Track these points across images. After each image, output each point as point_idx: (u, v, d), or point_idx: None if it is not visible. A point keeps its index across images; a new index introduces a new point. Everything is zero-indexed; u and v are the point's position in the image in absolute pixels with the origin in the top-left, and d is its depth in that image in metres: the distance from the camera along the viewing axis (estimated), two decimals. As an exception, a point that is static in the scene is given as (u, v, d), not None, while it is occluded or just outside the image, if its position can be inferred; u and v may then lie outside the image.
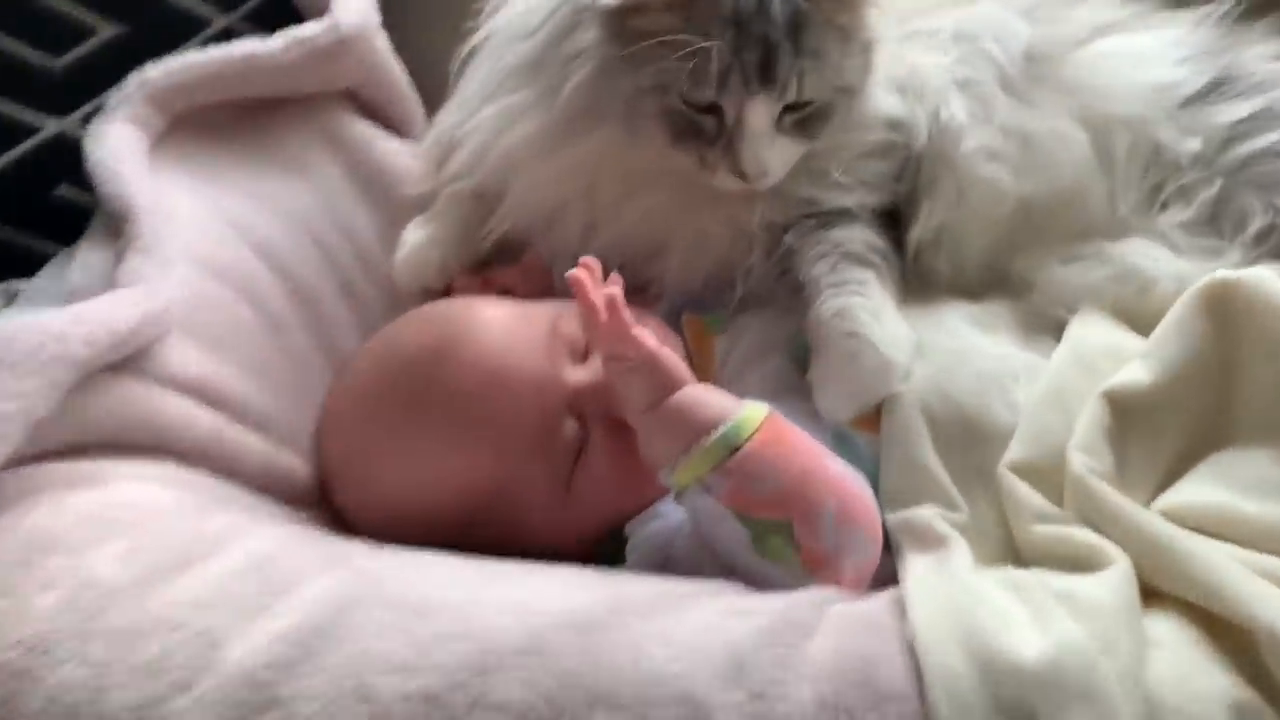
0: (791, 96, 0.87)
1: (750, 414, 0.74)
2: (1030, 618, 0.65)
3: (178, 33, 1.09)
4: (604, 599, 0.66)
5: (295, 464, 0.88)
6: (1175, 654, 0.64)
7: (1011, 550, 0.77)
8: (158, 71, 0.98)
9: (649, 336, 0.77)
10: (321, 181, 1.05)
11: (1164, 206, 0.95)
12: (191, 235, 0.91)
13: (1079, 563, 0.70)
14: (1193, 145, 0.94)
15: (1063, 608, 0.65)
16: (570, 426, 0.83)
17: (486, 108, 0.97)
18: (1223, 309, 0.79)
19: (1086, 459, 0.75)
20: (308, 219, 1.02)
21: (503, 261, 1.03)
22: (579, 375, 0.84)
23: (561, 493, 0.83)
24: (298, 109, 1.07)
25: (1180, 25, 1.00)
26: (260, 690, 0.60)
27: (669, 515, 0.82)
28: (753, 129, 0.87)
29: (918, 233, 0.95)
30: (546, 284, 0.98)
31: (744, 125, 0.87)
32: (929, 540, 0.75)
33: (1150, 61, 0.97)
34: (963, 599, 0.67)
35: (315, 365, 0.97)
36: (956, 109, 0.95)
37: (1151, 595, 0.68)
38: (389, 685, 0.60)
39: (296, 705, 0.60)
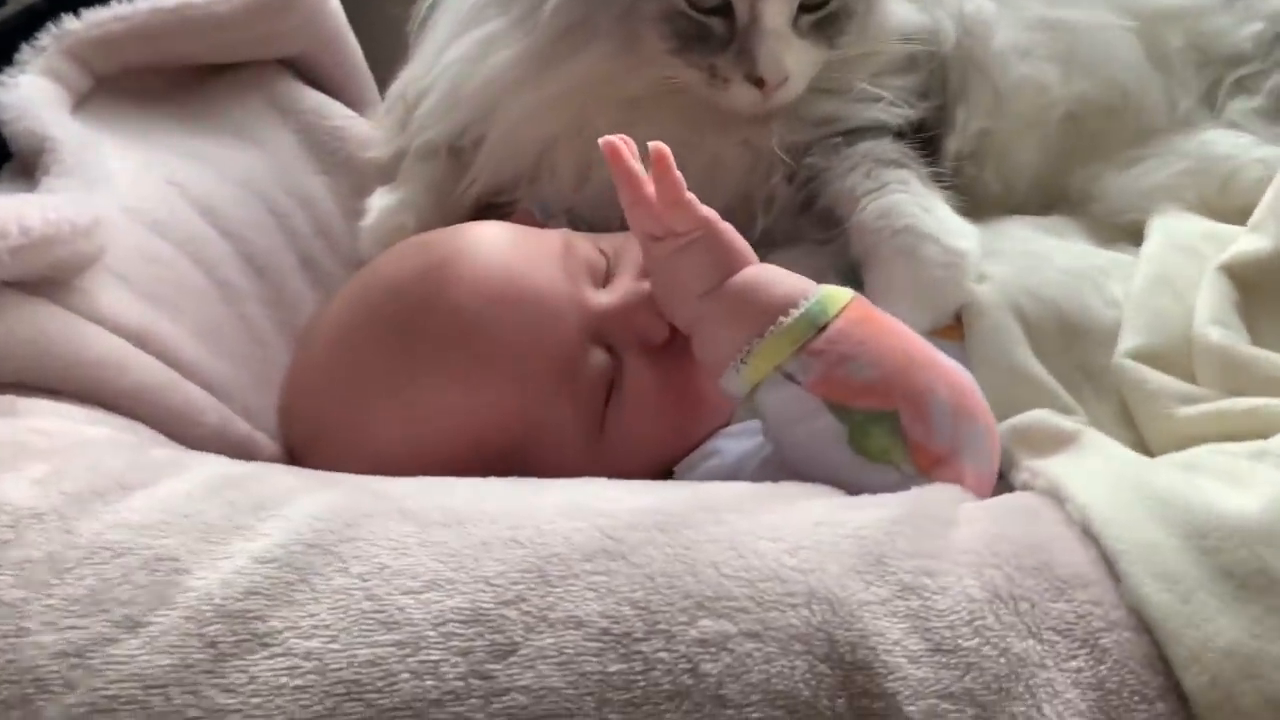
0: None
1: (834, 291, 0.61)
2: (1226, 482, 0.51)
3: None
4: (684, 498, 0.51)
5: (259, 439, 0.72)
6: None
7: (1144, 451, 0.64)
8: (78, 23, 0.85)
9: (700, 204, 0.64)
10: (273, 149, 0.92)
11: (1227, 100, 0.86)
12: (124, 186, 0.76)
13: (1253, 432, 0.58)
14: (1253, 29, 0.87)
15: (1265, 464, 0.52)
16: (598, 356, 0.67)
17: (454, 48, 0.85)
18: None
19: (1225, 330, 0.64)
20: (259, 186, 0.88)
21: (488, 222, 0.89)
22: (602, 298, 0.69)
23: (593, 436, 0.66)
24: (240, 77, 0.94)
25: None
26: (239, 623, 0.43)
27: (725, 451, 0.67)
28: (769, 26, 0.76)
29: (955, 143, 0.85)
30: None
31: (759, 23, 0.77)
32: (1051, 442, 0.62)
33: None
34: (1132, 472, 0.54)
35: (277, 344, 0.82)
36: (982, 3, 0.86)
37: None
38: (419, 606, 0.44)
39: (290, 640, 0.43)
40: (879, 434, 0.57)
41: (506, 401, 0.65)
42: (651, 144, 0.63)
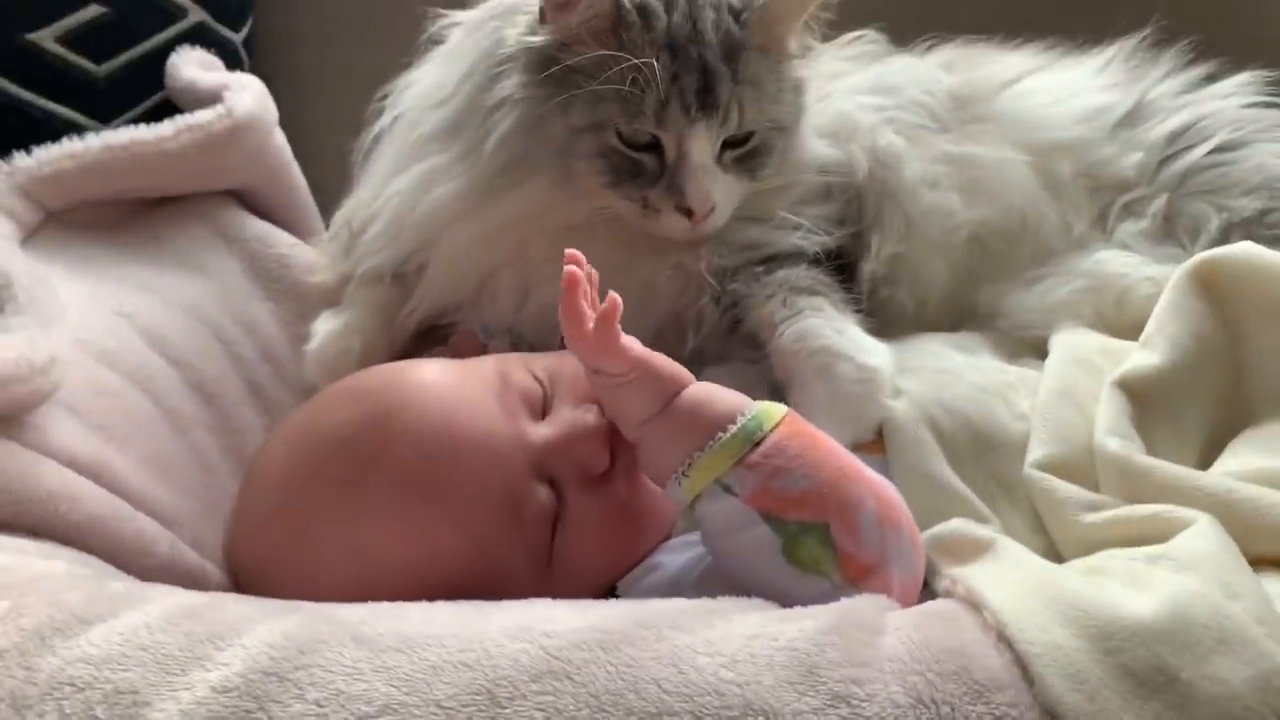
0: (734, 125, 0.83)
1: (769, 407, 0.64)
2: (1126, 585, 0.55)
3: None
4: (625, 616, 0.54)
5: (208, 568, 0.74)
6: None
7: (1054, 556, 0.68)
8: (30, 160, 0.88)
9: (637, 345, 0.67)
10: (219, 278, 0.94)
11: (1117, 224, 0.93)
12: (73, 318, 0.79)
13: (1151, 538, 0.61)
14: (1135, 159, 0.94)
15: (1160, 568, 0.56)
16: (542, 493, 0.68)
17: (398, 180, 0.89)
18: (1214, 284, 0.76)
19: (1122, 441, 0.69)
20: (206, 314, 0.91)
21: (429, 346, 0.93)
22: (542, 432, 0.69)
23: (541, 568, 0.67)
24: (187, 208, 0.97)
25: (1095, 61, 1.02)
26: (200, 754, 0.45)
27: (666, 565, 0.70)
28: (695, 161, 0.82)
29: (870, 266, 0.90)
30: None
31: (687, 158, 0.82)
32: (969, 550, 0.65)
33: (1078, 91, 0.98)
34: (1042, 578, 0.57)
35: (224, 471, 0.83)
36: (893, 139, 0.93)
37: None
38: (374, 730, 0.46)
39: (252, 769, 0.45)
40: (811, 545, 0.60)
41: (456, 546, 0.66)
42: (610, 294, 0.67)
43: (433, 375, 0.72)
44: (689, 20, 0.82)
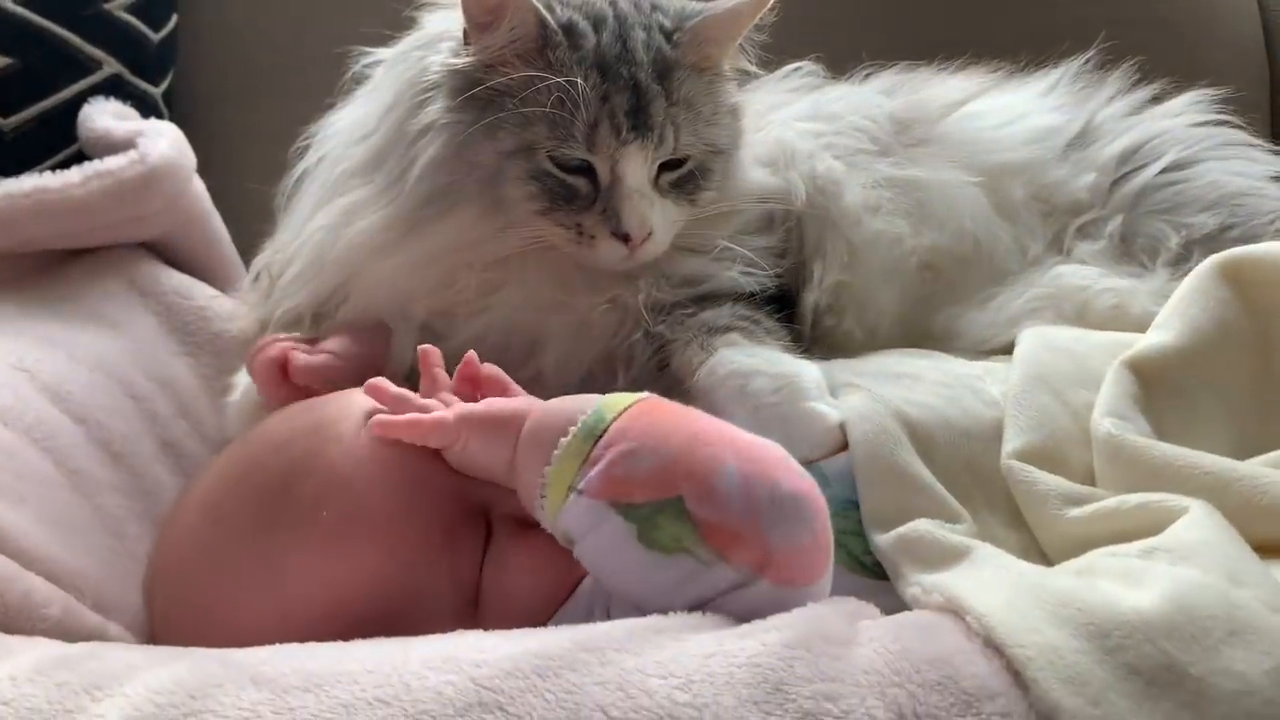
0: (669, 148, 0.79)
1: (614, 398, 0.59)
2: (1121, 582, 0.50)
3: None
4: (563, 640, 0.48)
5: (112, 630, 0.66)
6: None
7: (1037, 554, 0.63)
8: (-78, 210, 0.82)
9: (458, 404, 0.64)
10: (131, 333, 0.89)
11: (1074, 244, 0.90)
12: (-36, 375, 0.72)
13: (1142, 531, 0.56)
14: (1087, 180, 0.92)
15: (1156, 562, 0.51)
16: (472, 522, 0.64)
17: (318, 216, 0.85)
18: (1244, 279, 0.71)
19: (1121, 423, 0.64)
20: (116, 370, 0.85)
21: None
22: None
23: (469, 607, 0.62)
24: (98, 260, 0.92)
25: (1041, 84, 1.00)
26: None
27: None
28: (630, 184, 0.78)
29: (813, 296, 0.86)
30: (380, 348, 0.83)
31: (621, 181, 0.78)
32: (940, 557, 0.60)
33: (1026, 113, 0.96)
34: (1028, 580, 0.52)
35: (136, 534, 0.77)
36: (832, 165, 0.89)
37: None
38: (272, 779, 0.39)
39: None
40: (667, 523, 0.54)
41: (382, 574, 0.61)
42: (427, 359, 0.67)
43: (363, 402, 0.68)
44: (619, 40, 0.79)
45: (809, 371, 0.74)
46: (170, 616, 0.64)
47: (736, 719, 0.43)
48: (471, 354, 0.70)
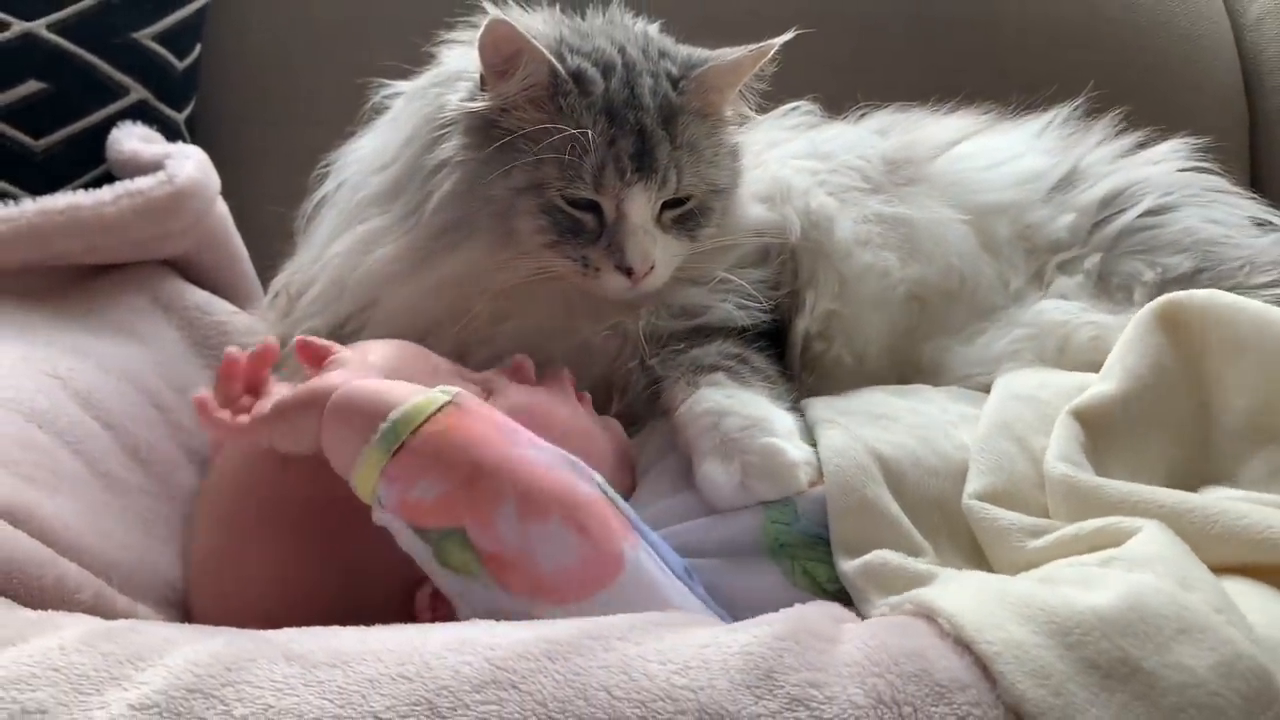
0: (672, 188, 0.84)
1: (418, 405, 0.62)
2: (1079, 586, 0.54)
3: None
4: (571, 628, 0.52)
5: (142, 611, 0.70)
6: (1253, 599, 0.54)
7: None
8: (-42, 224, 0.86)
9: (264, 406, 0.69)
10: (156, 346, 0.92)
11: (1054, 279, 0.94)
12: (2, 379, 0.77)
13: (1099, 549, 0.60)
14: (1068, 220, 0.95)
15: (1113, 568, 0.55)
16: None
17: (338, 243, 0.89)
18: (1176, 321, 0.75)
19: (1071, 466, 0.68)
20: (143, 381, 0.88)
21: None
22: None
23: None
24: (124, 276, 0.95)
25: (1031, 127, 1.04)
26: (116, 772, 0.42)
27: None
28: (634, 221, 0.83)
29: (804, 323, 0.91)
30: None
31: (625, 219, 0.83)
32: (904, 583, 0.64)
33: (1015, 156, 1.00)
34: (993, 585, 0.56)
35: (162, 535, 0.80)
36: (825, 201, 0.94)
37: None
38: (305, 744, 0.43)
39: (170, 787, 0.42)
40: (454, 549, 0.60)
41: (279, 559, 0.69)
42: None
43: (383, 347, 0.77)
44: (627, 86, 0.84)
45: (780, 417, 0.77)
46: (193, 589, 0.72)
47: (730, 701, 0.47)
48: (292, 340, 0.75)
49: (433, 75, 0.91)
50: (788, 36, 0.86)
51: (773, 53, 0.86)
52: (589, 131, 0.81)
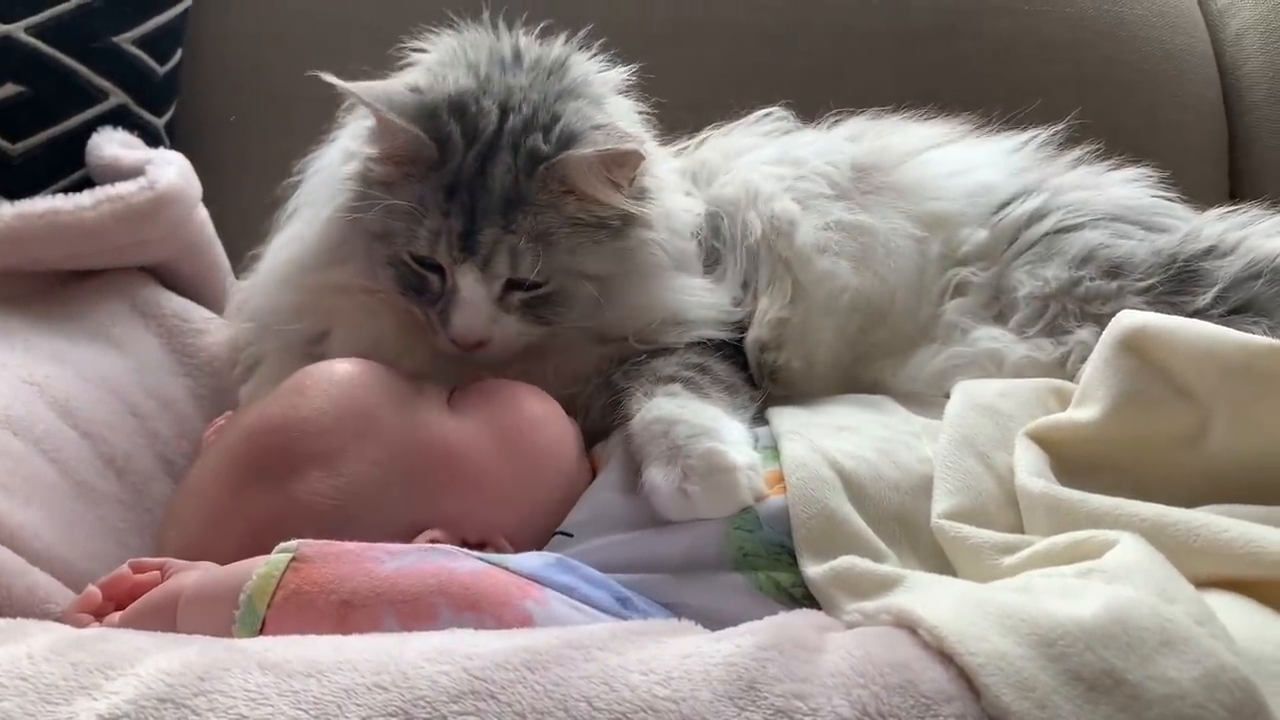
0: (503, 272, 0.82)
1: (263, 581, 0.61)
2: (1059, 597, 0.54)
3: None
4: (551, 639, 0.51)
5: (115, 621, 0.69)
6: (1235, 612, 0.54)
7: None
8: (-63, 228, 0.85)
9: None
10: (134, 353, 0.91)
11: (950, 298, 0.93)
12: (-28, 385, 0.75)
13: (1075, 562, 0.59)
14: (979, 236, 0.94)
15: (1091, 580, 0.55)
16: None
17: (276, 241, 0.93)
18: (1145, 347, 0.72)
19: (1048, 482, 0.67)
20: (119, 388, 0.87)
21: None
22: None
23: None
24: (103, 283, 0.95)
25: (1006, 144, 1.02)
26: (83, 784, 0.41)
27: None
28: (464, 295, 0.82)
29: (755, 332, 0.90)
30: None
31: (456, 290, 0.82)
32: (874, 586, 0.63)
33: (978, 167, 0.98)
34: (973, 595, 0.56)
35: (136, 546, 0.79)
36: (788, 205, 0.93)
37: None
38: (278, 755, 0.42)
39: (139, 799, 0.41)
40: None
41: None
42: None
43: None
44: (479, 161, 0.82)
45: (729, 425, 0.77)
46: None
47: (712, 713, 0.46)
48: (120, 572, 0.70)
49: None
50: (645, 147, 0.84)
51: (640, 161, 0.83)
52: (416, 206, 0.81)
